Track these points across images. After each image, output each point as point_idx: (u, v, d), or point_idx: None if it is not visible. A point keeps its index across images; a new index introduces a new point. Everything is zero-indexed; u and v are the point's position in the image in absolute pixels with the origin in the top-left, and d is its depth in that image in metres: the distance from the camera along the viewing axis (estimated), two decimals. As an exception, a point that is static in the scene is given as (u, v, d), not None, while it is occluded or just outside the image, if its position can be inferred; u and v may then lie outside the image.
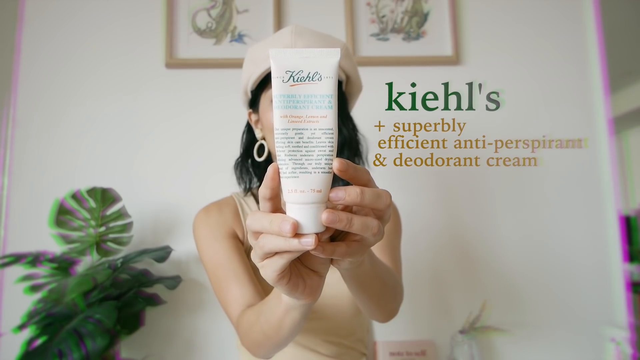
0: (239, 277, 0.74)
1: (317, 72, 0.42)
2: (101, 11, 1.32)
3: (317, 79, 0.42)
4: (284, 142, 0.41)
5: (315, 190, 0.41)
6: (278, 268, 0.41)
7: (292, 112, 0.41)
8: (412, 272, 1.22)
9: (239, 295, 0.72)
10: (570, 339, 1.26)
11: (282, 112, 0.41)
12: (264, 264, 0.42)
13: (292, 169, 0.41)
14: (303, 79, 0.42)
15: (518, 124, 1.35)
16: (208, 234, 0.80)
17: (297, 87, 0.41)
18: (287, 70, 0.42)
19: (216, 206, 0.85)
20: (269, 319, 0.58)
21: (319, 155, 0.41)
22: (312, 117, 0.41)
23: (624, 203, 5.02)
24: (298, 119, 0.41)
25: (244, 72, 0.84)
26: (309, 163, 0.41)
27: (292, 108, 0.41)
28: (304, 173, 0.41)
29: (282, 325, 0.56)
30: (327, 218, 0.39)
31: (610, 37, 1.45)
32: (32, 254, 1.07)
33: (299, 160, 0.41)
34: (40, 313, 0.99)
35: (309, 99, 0.41)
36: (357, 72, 0.86)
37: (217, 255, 0.77)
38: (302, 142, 0.41)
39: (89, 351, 0.88)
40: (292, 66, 0.42)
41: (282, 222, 0.39)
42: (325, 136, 0.41)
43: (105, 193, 1.10)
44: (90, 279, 0.90)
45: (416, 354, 1.21)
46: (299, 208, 0.40)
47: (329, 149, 0.41)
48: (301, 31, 0.78)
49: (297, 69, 0.42)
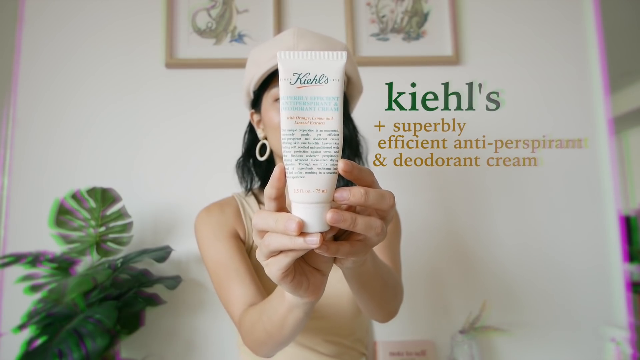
0: (241, 276, 0.74)
1: (324, 74, 0.43)
2: (101, 11, 1.32)
3: (323, 81, 0.43)
4: (291, 142, 0.42)
5: (320, 190, 0.42)
6: (283, 266, 0.42)
7: (299, 114, 0.42)
8: (412, 272, 1.22)
9: (240, 294, 0.72)
10: (570, 338, 1.26)
11: (289, 114, 0.42)
12: (268, 262, 0.43)
13: (298, 169, 0.42)
14: (310, 81, 0.43)
15: (518, 124, 1.35)
16: (210, 233, 0.80)
17: (304, 89, 0.42)
18: (294, 72, 0.42)
19: (218, 206, 0.85)
20: (271, 317, 0.58)
21: (324, 156, 0.42)
22: (318, 119, 0.42)
23: (624, 203, 5.01)
24: (304, 121, 0.42)
25: (246, 73, 0.85)
26: (314, 164, 0.42)
27: (299, 109, 0.42)
28: (309, 173, 0.42)
29: (284, 323, 0.56)
30: (332, 217, 0.40)
31: (610, 37, 1.45)
32: (32, 254, 1.07)
33: (305, 160, 0.42)
34: (40, 313, 0.99)
35: (315, 101, 0.42)
36: (358, 74, 0.86)
37: (219, 255, 0.77)
38: (308, 143, 0.42)
39: (89, 351, 0.88)
40: (299, 68, 0.42)
41: (287, 220, 0.40)
42: (330, 137, 0.42)
43: (105, 193, 1.10)
44: (90, 279, 0.90)
45: (416, 354, 1.21)
46: (304, 207, 0.41)
47: (334, 150, 0.42)
48: (303, 33, 0.79)
49: (304, 71, 0.42)
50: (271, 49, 0.80)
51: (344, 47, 0.82)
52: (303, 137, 0.42)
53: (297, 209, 0.42)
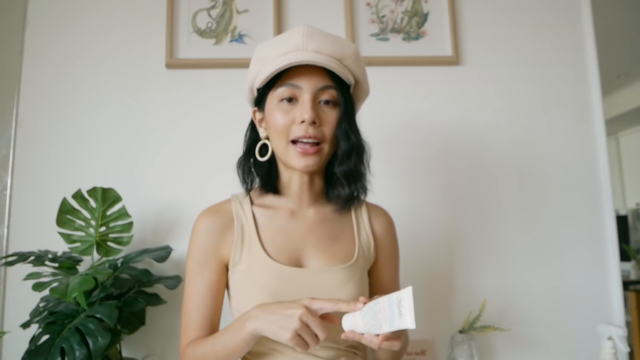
0: (206, 316, 0.80)
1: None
2: (102, 14, 1.32)
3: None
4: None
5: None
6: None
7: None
8: (412, 271, 1.23)
9: (196, 329, 0.79)
10: (568, 337, 1.27)
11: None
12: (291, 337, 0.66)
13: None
14: None
15: (517, 124, 1.36)
16: (195, 260, 0.82)
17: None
18: None
19: (210, 219, 0.83)
20: (225, 345, 0.72)
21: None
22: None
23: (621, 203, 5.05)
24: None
25: (251, 69, 0.83)
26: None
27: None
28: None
29: (236, 349, 0.71)
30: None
31: (605, 40, 1.46)
32: (36, 252, 1.07)
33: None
34: (43, 312, 0.99)
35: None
36: (365, 77, 0.86)
37: (196, 288, 0.81)
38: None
39: (91, 349, 0.88)
40: None
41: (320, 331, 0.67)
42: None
43: (106, 193, 1.10)
44: (91, 278, 0.90)
45: (416, 354, 1.22)
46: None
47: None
48: (313, 32, 0.78)
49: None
50: (279, 46, 0.78)
51: (354, 48, 0.81)
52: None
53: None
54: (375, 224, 0.89)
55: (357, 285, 0.80)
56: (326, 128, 0.78)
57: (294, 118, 0.77)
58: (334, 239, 0.84)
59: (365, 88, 0.87)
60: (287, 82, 0.78)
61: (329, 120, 0.78)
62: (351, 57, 0.80)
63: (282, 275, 0.78)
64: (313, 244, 0.82)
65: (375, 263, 0.89)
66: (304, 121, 0.76)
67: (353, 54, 0.81)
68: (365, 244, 0.87)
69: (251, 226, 0.82)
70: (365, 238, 0.87)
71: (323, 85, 0.78)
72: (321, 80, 0.78)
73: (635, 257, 3.34)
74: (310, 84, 0.77)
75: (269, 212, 0.84)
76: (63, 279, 0.92)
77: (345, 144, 0.79)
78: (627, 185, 4.74)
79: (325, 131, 0.78)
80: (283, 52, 0.78)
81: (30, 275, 0.95)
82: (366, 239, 0.87)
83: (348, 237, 0.86)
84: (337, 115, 0.79)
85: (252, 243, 0.81)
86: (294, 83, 0.77)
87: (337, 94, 0.79)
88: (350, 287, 0.79)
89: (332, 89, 0.79)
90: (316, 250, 0.82)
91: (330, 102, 0.79)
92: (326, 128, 0.78)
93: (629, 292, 2.78)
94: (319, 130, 0.77)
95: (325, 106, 0.79)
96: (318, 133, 0.77)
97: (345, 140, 0.79)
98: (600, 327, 1.12)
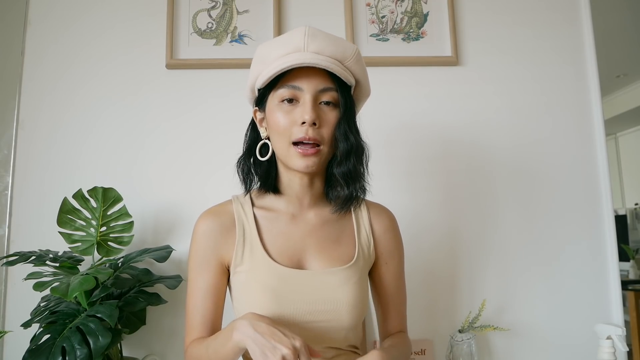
0: (206, 317, 0.82)
1: None
2: (103, 14, 1.32)
3: None
4: None
5: None
6: None
7: None
8: (412, 271, 1.23)
9: (197, 329, 0.81)
10: (567, 337, 1.28)
11: None
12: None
13: None
14: None
15: (517, 124, 1.36)
16: (200, 257, 0.82)
17: None
18: None
19: (211, 221, 0.83)
20: (217, 350, 0.72)
21: None
22: None
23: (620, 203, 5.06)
24: None
25: (252, 69, 0.84)
26: None
27: None
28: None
29: (226, 356, 0.71)
30: None
31: (605, 40, 1.46)
32: (37, 252, 1.07)
33: None
34: (44, 311, 1.00)
35: None
36: (366, 77, 0.86)
37: (196, 288, 0.82)
38: None
39: (92, 349, 0.88)
40: None
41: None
42: None
43: (107, 193, 1.11)
44: (92, 278, 0.91)
45: (416, 354, 1.22)
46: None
47: None
48: (314, 33, 0.78)
49: None
50: (280, 47, 0.79)
51: (355, 49, 0.81)
52: None
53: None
54: (375, 223, 0.89)
55: (357, 285, 0.81)
56: (326, 129, 0.78)
57: (295, 119, 0.77)
58: (335, 241, 0.85)
59: (366, 89, 0.87)
60: (288, 83, 0.78)
61: (329, 121, 0.79)
62: (352, 58, 0.80)
63: (284, 276, 0.78)
64: (314, 247, 0.83)
65: (377, 262, 0.89)
66: (305, 122, 0.76)
67: (354, 55, 0.81)
68: (365, 244, 0.87)
69: (253, 228, 0.82)
70: (365, 238, 0.87)
71: (323, 87, 0.78)
72: (322, 82, 0.78)
73: (634, 257, 3.35)
74: (310, 86, 0.77)
75: (270, 214, 0.85)
76: (64, 279, 0.92)
77: (344, 145, 0.79)
78: (626, 185, 4.75)
79: (324, 132, 0.78)
80: (284, 52, 0.78)
81: (31, 275, 0.95)
82: (366, 239, 0.87)
83: (348, 238, 0.86)
84: (336, 116, 0.79)
85: (253, 245, 0.81)
86: (295, 84, 0.78)
87: (337, 96, 0.79)
88: (349, 287, 0.80)
89: (332, 90, 0.79)
90: (317, 252, 0.82)
91: (330, 103, 0.79)
92: (326, 129, 0.78)
93: (628, 291, 2.79)
94: (318, 132, 0.77)
95: (325, 107, 0.79)
96: (317, 135, 0.77)
97: (344, 141, 0.79)
98: (599, 327, 1.12)
